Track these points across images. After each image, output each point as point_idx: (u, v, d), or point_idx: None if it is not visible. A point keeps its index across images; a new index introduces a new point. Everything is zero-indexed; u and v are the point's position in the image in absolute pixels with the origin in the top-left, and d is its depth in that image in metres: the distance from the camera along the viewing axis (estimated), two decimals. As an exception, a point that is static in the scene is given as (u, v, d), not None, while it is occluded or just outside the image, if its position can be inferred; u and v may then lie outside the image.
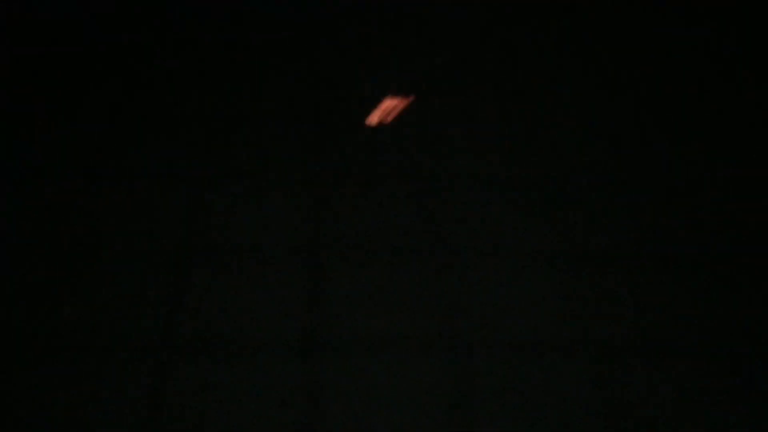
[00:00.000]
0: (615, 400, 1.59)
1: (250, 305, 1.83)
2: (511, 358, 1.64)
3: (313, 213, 2.06)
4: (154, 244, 2.17)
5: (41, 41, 3.82)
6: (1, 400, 1.71)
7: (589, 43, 3.43)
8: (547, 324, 1.78)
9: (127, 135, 2.86)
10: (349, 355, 1.70)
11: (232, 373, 1.64)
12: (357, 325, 1.76)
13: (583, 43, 3.44)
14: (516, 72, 3.20)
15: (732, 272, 2.06)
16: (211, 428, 1.58)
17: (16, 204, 2.49)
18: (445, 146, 2.66)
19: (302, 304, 1.81)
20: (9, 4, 4.12)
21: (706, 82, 3.04)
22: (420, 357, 1.63)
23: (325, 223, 2.14)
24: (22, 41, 3.83)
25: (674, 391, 1.71)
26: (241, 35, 3.81)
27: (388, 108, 2.53)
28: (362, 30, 3.77)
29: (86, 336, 1.72)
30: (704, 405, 1.69)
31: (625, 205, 2.35)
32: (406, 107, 2.64)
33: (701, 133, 2.71)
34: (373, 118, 2.48)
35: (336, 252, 2.05)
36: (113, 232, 2.29)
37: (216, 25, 3.96)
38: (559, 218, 2.31)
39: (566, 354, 1.67)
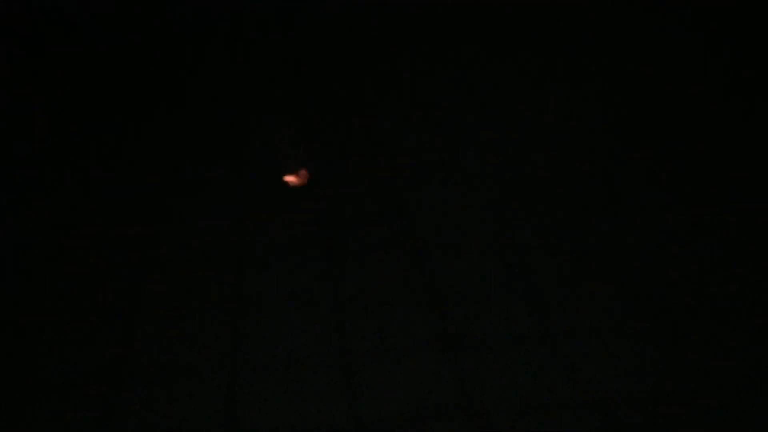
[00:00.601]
0: None
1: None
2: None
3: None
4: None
5: (41, 41, 3.82)
6: None
7: (589, 43, 3.43)
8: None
9: (127, 135, 2.86)
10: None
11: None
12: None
13: (583, 43, 3.44)
14: (516, 73, 3.20)
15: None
16: None
17: (16, 204, 2.49)
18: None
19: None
20: (9, 4, 4.12)
21: (706, 82, 3.04)
22: None
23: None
24: (22, 41, 3.83)
25: None
26: (241, 35, 3.81)
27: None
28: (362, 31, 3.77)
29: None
30: None
31: (623, 204, 2.35)
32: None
33: (701, 132, 2.71)
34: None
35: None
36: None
37: (216, 25, 3.96)
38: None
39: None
